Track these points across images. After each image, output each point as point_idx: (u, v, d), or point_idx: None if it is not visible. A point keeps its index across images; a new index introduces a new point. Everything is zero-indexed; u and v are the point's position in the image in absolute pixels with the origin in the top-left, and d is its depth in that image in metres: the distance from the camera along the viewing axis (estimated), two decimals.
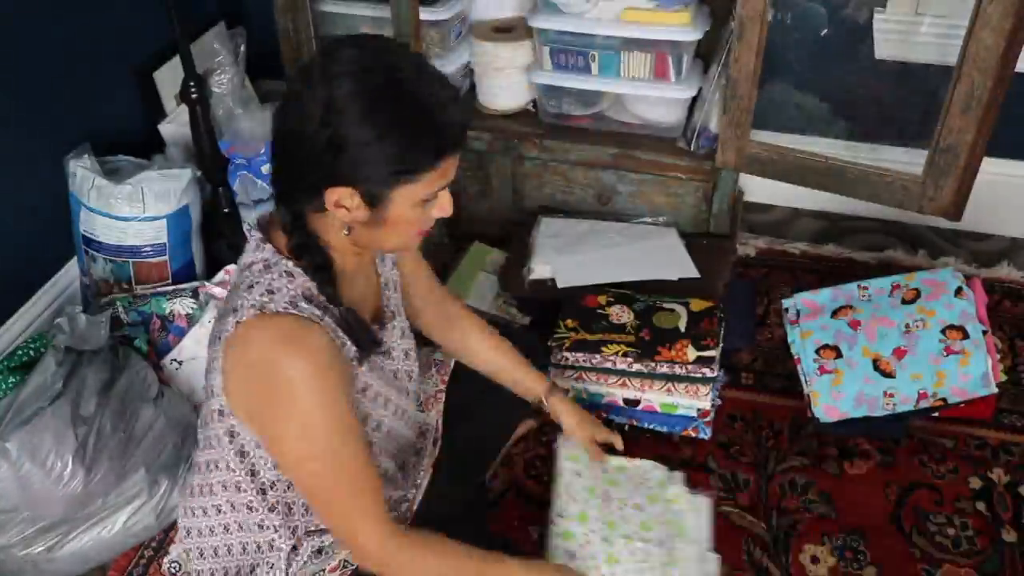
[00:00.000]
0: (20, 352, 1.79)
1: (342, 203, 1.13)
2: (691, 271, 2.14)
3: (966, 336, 1.80)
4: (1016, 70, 1.81)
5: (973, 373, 1.79)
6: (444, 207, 1.20)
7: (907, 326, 1.84)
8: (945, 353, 1.80)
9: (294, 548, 1.34)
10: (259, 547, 1.33)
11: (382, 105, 1.08)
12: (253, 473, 1.28)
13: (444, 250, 2.46)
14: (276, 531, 1.31)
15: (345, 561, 1.33)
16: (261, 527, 1.32)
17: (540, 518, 1.78)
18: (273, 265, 1.19)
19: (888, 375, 1.82)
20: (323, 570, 1.33)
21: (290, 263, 1.19)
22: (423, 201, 1.16)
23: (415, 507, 1.48)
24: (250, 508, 1.31)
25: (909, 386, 1.82)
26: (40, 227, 2.07)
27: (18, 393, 1.66)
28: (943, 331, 1.82)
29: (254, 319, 1.15)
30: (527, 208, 2.45)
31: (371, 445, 1.33)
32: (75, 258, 2.15)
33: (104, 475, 1.65)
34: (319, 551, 1.34)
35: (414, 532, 1.29)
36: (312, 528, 1.35)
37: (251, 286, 1.18)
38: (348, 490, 1.20)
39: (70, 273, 2.16)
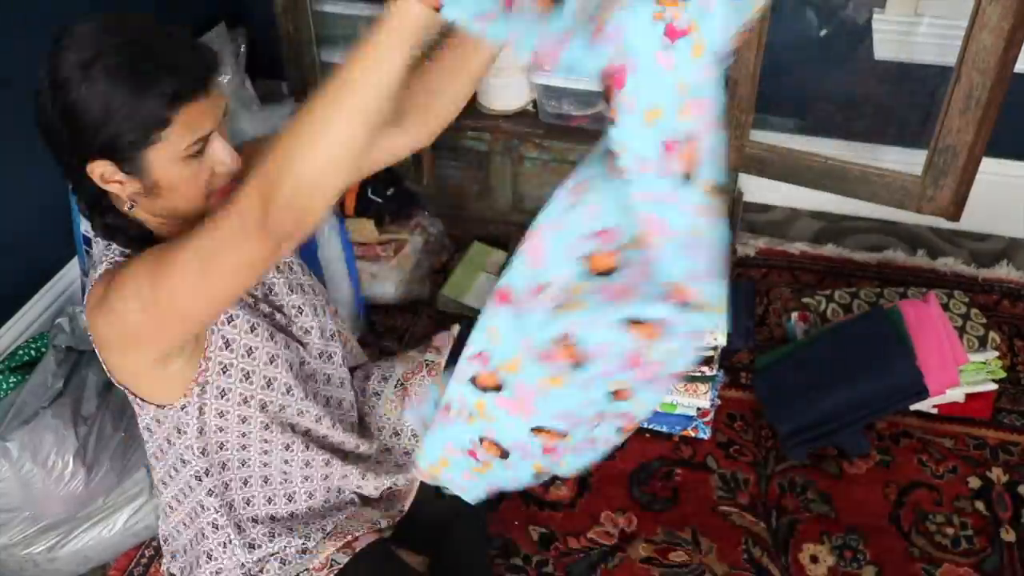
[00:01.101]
0: (21, 352, 1.79)
1: (108, 177, 1.09)
2: None
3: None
4: (1015, 70, 1.81)
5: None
6: (220, 157, 1.12)
7: None
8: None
9: (239, 528, 1.33)
10: (203, 534, 1.34)
11: (98, 65, 1.04)
12: (183, 461, 1.29)
13: (444, 250, 2.46)
14: (216, 512, 1.32)
15: (332, 559, 1.33)
16: (203, 508, 1.32)
17: (540, 518, 1.79)
18: (96, 257, 1.18)
19: None
20: (308, 569, 1.33)
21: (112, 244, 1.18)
22: (189, 157, 1.09)
23: (407, 507, 1.48)
24: (190, 489, 1.32)
25: None
26: (41, 227, 2.07)
27: (19, 393, 1.67)
28: None
29: (98, 280, 1.13)
30: (527, 208, 2.45)
31: (263, 408, 1.28)
32: (76, 258, 2.15)
33: (105, 475, 1.66)
34: (303, 551, 1.34)
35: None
36: (256, 514, 1.35)
37: (96, 266, 1.16)
38: (197, 242, 1.05)
39: (71, 273, 2.16)
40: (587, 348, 1.00)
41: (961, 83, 1.82)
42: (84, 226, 2.04)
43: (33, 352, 1.79)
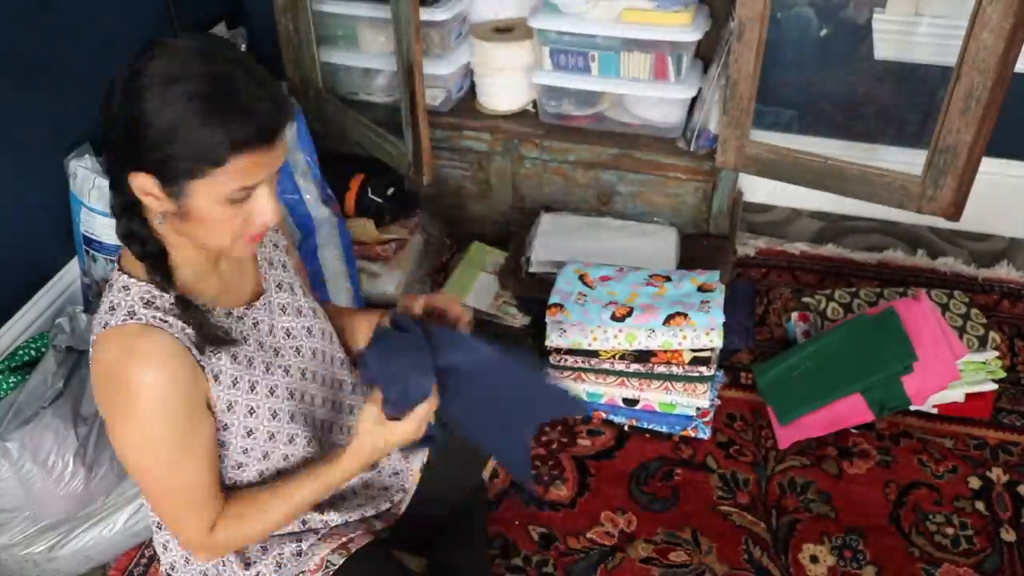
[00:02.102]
0: (21, 352, 1.79)
1: (147, 190, 1.10)
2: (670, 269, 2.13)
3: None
4: (1016, 70, 1.81)
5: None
6: (262, 211, 1.14)
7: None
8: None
9: (266, 548, 1.34)
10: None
11: (178, 90, 1.05)
12: None
13: (444, 250, 2.46)
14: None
15: (327, 561, 1.33)
16: None
17: (540, 518, 1.79)
18: (113, 283, 1.20)
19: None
20: (303, 571, 1.33)
21: (124, 276, 1.19)
22: (230, 200, 1.10)
23: (403, 508, 1.48)
24: None
25: None
26: (41, 227, 2.07)
27: (19, 393, 1.67)
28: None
29: (98, 336, 1.16)
30: (527, 208, 2.45)
31: (272, 437, 1.29)
32: (76, 258, 2.15)
33: (105, 475, 1.66)
34: (298, 553, 1.34)
35: (226, 508, 1.26)
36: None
37: (106, 309, 1.18)
38: (181, 502, 1.22)
39: (71, 273, 2.16)
40: None
41: (961, 83, 1.82)
42: (85, 226, 2.04)
43: (33, 352, 1.79)
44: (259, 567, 1.34)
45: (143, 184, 1.10)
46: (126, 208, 1.16)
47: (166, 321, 1.15)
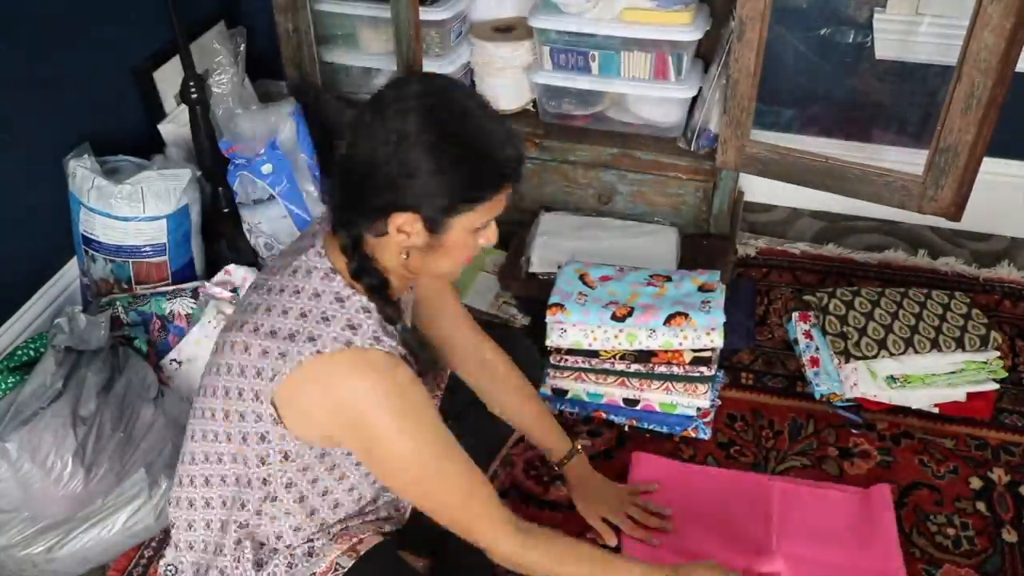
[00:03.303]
0: (20, 352, 1.79)
1: (404, 228, 1.20)
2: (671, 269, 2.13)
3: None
4: (1016, 70, 1.81)
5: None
6: (491, 236, 1.28)
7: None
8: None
9: (276, 549, 1.35)
10: (221, 550, 1.35)
11: (449, 138, 1.16)
12: (265, 481, 1.30)
13: None
14: (295, 529, 1.35)
15: (336, 563, 1.33)
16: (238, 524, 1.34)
17: (540, 518, 1.78)
18: (346, 299, 1.25)
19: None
20: (314, 573, 1.32)
21: (363, 298, 1.25)
22: (476, 229, 1.24)
23: (409, 511, 1.48)
24: (243, 507, 1.32)
25: None
26: (40, 227, 2.07)
27: (18, 393, 1.66)
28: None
29: (340, 353, 1.20)
30: (527, 208, 2.44)
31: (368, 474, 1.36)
32: (75, 258, 2.15)
33: (104, 475, 1.65)
34: (309, 554, 1.34)
35: (533, 530, 1.35)
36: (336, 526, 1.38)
37: (327, 318, 1.23)
38: (460, 501, 1.29)
39: (70, 273, 2.16)
40: None
41: (962, 83, 1.82)
42: (84, 226, 2.04)
43: (32, 352, 1.79)
44: (270, 568, 1.34)
45: (404, 222, 1.19)
46: (357, 244, 1.25)
47: (398, 348, 1.25)
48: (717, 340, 1.84)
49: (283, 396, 1.23)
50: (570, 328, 1.88)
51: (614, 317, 1.85)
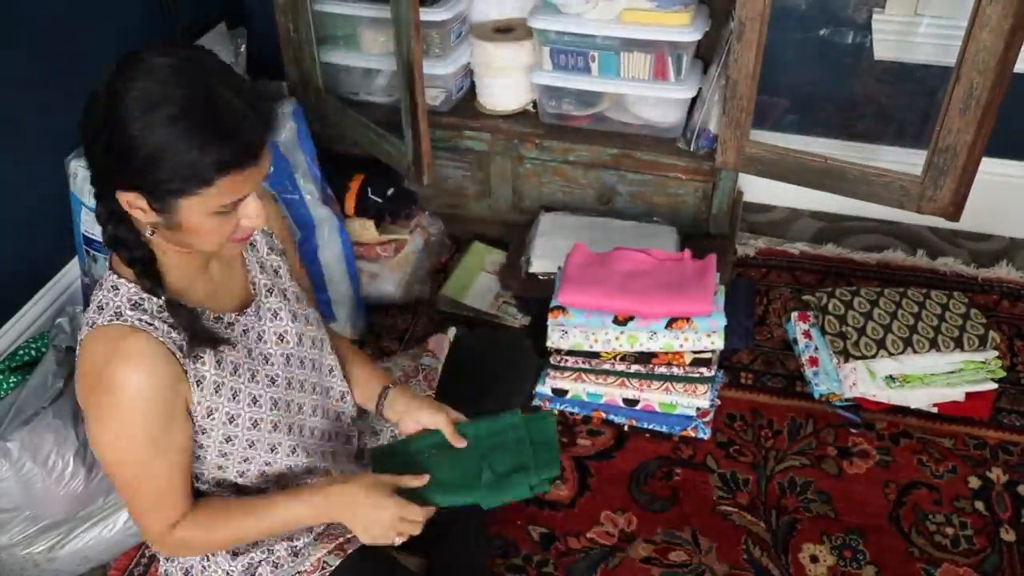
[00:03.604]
0: (21, 352, 1.79)
1: (135, 205, 1.12)
2: None
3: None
4: (1015, 71, 1.81)
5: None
6: (251, 216, 1.16)
7: None
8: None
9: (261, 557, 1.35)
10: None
11: (162, 112, 1.05)
12: (196, 477, 1.30)
13: (444, 250, 2.46)
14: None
15: (325, 562, 1.33)
16: None
17: (540, 518, 1.79)
18: (104, 282, 1.22)
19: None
20: (300, 572, 1.33)
21: (114, 276, 1.21)
22: (218, 212, 1.12)
23: None
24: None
25: None
26: (41, 227, 2.07)
27: (19, 393, 1.67)
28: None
29: (86, 335, 1.18)
30: (527, 208, 2.45)
31: (252, 445, 1.30)
32: (76, 258, 2.15)
33: (105, 475, 1.66)
34: (294, 554, 1.34)
35: (194, 512, 1.26)
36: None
37: (96, 308, 1.20)
38: (148, 497, 1.22)
39: (71, 273, 2.16)
40: None
41: (961, 83, 1.82)
42: (85, 226, 2.04)
43: (33, 352, 1.79)
44: (254, 567, 1.34)
45: (131, 200, 1.11)
46: (112, 215, 1.17)
47: (152, 324, 1.16)
48: (718, 343, 1.84)
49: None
50: (571, 330, 1.89)
51: (616, 321, 1.86)
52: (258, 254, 1.37)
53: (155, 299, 1.19)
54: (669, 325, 1.83)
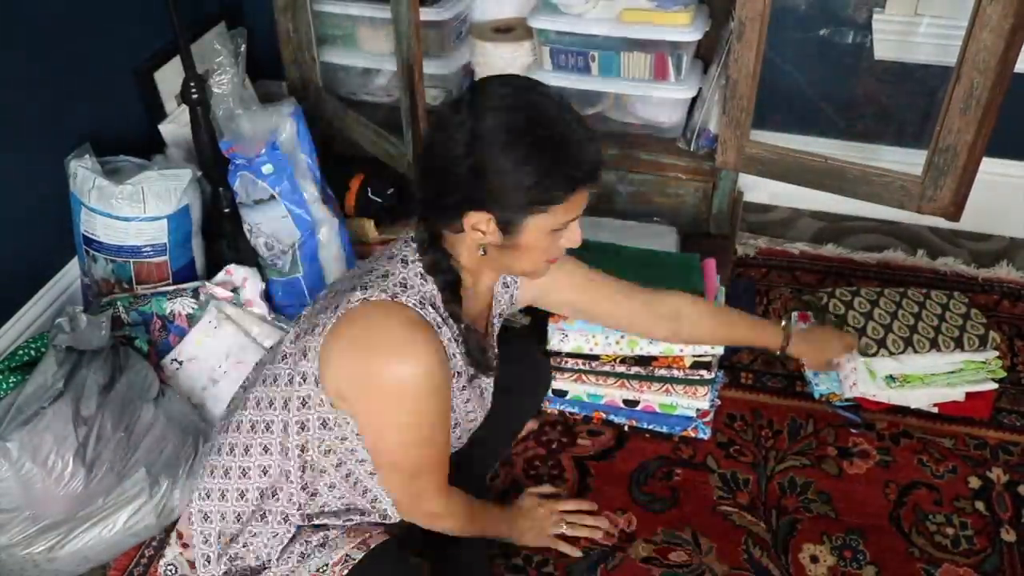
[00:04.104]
0: (21, 352, 1.79)
1: (478, 226, 1.22)
2: None
3: None
4: (1016, 70, 1.81)
5: None
6: (574, 238, 1.28)
7: None
8: None
9: (294, 536, 1.36)
10: (264, 517, 1.36)
11: (523, 138, 1.16)
12: (303, 448, 1.33)
13: None
14: (298, 508, 1.36)
15: (347, 555, 1.34)
16: (281, 498, 1.36)
17: None
18: (411, 263, 1.29)
19: None
20: (327, 564, 1.34)
21: (422, 267, 1.29)
22: (554, 231, 1.24)
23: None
24: (287, 477, 1.35)
25: None
26: (41, 227, 2.07)
27: (19, 393, 1.67)
28: None
29: (382, 303, 1.23)
30: None
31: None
32: (76, 258, 2.15)
33: (105, 475, 1.65)
34: (323, 544, 1.35)
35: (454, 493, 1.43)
36: (320, 520, 1.38)
37: (385, 275, 1.27)
38: (428, 473, 1.34)
39: (71, 273, 2.17)
40: None
41: (961, 83, 1.82)
42: (85, 226, 2.04)
43: (33, 352, 1.79)
44: (285, 553, 1.36)
45: (478, 221, 1.21)
46: (435, 240, 1.28)
47: (440, 329, 1.27)
48: (718, 348, 1.84)
49: (325, 350, 1.26)
50: (571, 333, 1.89)
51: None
52: (504, 298, 1.51)
53: (443, 308, 1.29)
54: None
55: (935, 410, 1.94)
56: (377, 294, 1.24)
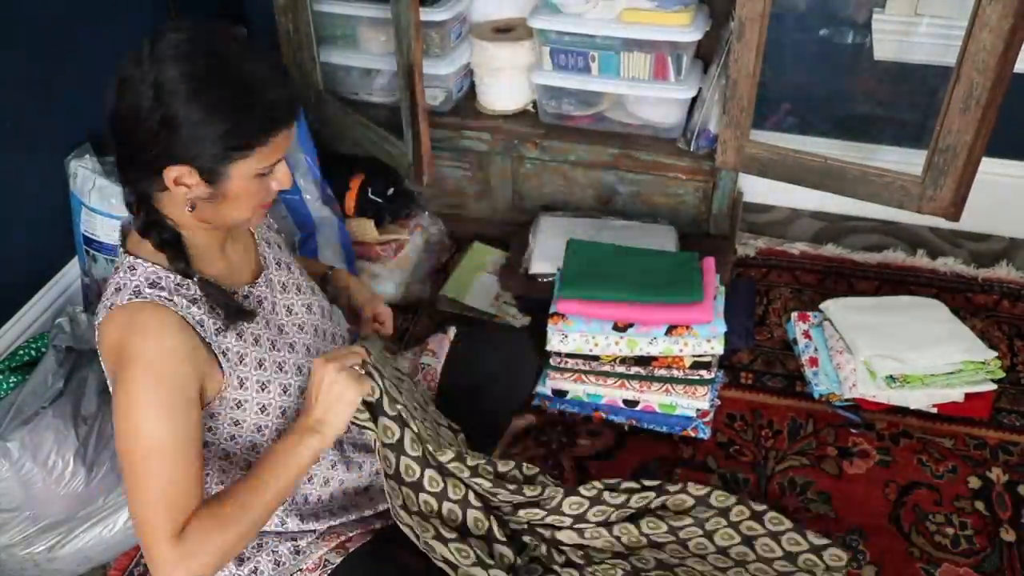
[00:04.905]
0: (21, 352, 1.79)
1: (182, 180, 1.16)
2: None
3: None
4: (1015, 70, 1.81)
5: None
6: (282, 180, 1.24)
7: None
8: None
9: (260, 545, 1.35)
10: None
11: (208, 84, 1.12)
12: (227, 456, 1.31)
13: (444, 250, 2.46)
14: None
15: (325, 560, 1.34)
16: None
17: None
18: (119, 265, 1.24)
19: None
20: (301, 569, 1.34)
21: (130, 258, 1.23)
22: (260, 175, 1.20)
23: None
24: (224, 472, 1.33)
25: None
26: (41, 227, 2.07)
27: (19, 393, 1.67)
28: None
29: (104, 317, 1.20)
30: (527, 208, 2.45)
31: (284, 414, 1.30)
32: (76, 258, 2.15)
33: (105, 474, 1.66)
34: (296, 552, 1.35)
35: (196, 512, 1.17)
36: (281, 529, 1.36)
37: (105, 290, 1.23)
38: (159, 490, 1.14)
39: (71, 273, 2.17)
40: None
41: (961, 83, 1.82)
42: (85, 226, 2.04)
43: (33, 352, 1.79)
44: (255, 562, 1.34)
45: (179, 175, 1.15)
46: (143, 200, 1.22)
47: (171, 300, 1.19)
48: (718, 348, 1.84)
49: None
50: (571, 334, 1.88)
51: (616, 327, 1.86)
52: (263, 230, 1.43)
53: (171, 276, 1.22)
54: (669, 331, 1.83)
55: (935, 411, 1.94)
56: (102, 315, 1.20)
